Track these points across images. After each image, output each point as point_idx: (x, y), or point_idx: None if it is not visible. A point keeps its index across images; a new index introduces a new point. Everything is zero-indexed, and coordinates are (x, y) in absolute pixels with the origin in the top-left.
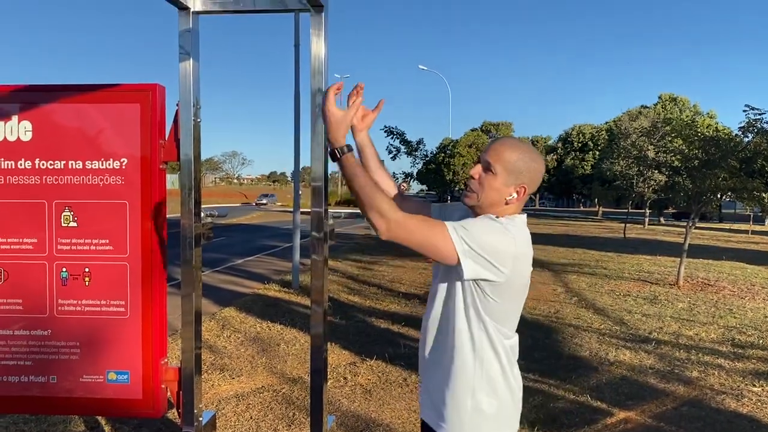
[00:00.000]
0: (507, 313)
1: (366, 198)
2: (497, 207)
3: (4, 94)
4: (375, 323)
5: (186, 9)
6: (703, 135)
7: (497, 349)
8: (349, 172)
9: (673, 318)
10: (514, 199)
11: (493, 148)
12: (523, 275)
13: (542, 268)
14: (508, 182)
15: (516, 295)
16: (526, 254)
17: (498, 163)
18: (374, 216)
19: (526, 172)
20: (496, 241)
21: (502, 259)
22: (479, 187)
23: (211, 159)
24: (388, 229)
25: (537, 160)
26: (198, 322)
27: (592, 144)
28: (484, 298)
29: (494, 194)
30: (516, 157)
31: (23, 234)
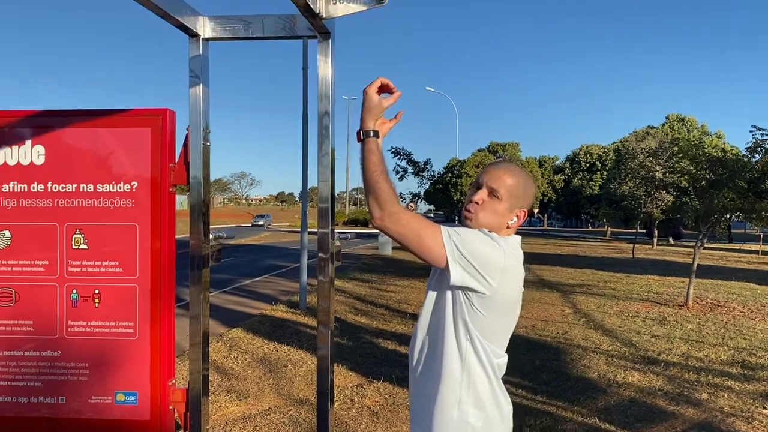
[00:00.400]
0: (495, 329)
1: (372, 183)
2: (498, 231)
3: (18, 119)
4: (382, 344)
5: (196, 36)
6: (710, 155)
7: (484, 363)
8: (365, 155)
9: (683, 339)
10: (514, 223)
11: (494, 174)
12: (511, 292)
13: (551, 288)
14: (511, 207)
15: (504, 312)
16: (515, 270)
17: (502, 188)
18: (373, 202)
19: (525, 197)
20: (486, 252)
21: (490, 271)
22: (483, 211)
23: (219, 180)
24: (381, 217)
25: (533, 184)
26: (206, 343)
27: (600, 164)
28: (471, 310)
29: (498, 219)
30: (517, 183)
31: (35, 256)
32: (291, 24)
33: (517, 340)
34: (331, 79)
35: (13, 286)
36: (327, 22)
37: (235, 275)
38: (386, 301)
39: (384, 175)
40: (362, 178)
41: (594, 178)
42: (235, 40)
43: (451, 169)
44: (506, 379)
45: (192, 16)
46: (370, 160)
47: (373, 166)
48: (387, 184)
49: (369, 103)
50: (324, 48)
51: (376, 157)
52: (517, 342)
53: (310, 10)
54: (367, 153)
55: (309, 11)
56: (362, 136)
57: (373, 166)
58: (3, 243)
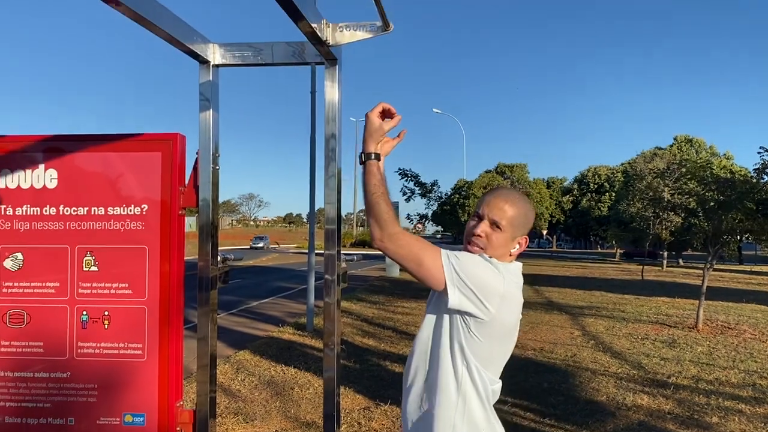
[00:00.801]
0: (491, 356)
1: (372, 205)
2: (502, 259)
3: (31, 144)
4: (390, 367)
5: (206, 62)
6: (718, 176)
7: (479, 389)
8: (366, 177)
9: (693, 362)
10: (517, 250)
11: (495, 204)
12: (509, 318)
13: (559, 311)
14: (514, 236)
15: (501, 338)
16: (514, 297)
17: (503, 220)
18: (373, 223)
19: (526, 224)
20: (485, 277)
21: (489, 296)
22: (487, 243)
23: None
24: (381, 238)
25: (532, 210)
26: (213, 365)
27: (608, 185)
28: (469, 335)
29: (501, 249)
30: (518, 213)
31: (46, 278)
32: (299, 51)
33: (525, 362)
34: (338, 103)
35: (24, 307)
36: (334, 48)
37: (243, 297)
38: (394, 323)
39: (384, 197)
40: (363, 199)
41: (602, 200)
42: (244, 66)
43: (459, 190)
44: (514, 402)
45: (202, 44)
46: (370, 182)
47: (374, 188)
48: (387, 206)
49: (371, 127)
50: (331, 74)
51: (376, 180)
52: (526, 364)
53: (318, 38)
54: (368, 175)
55: (316, 39)
56: (364, 159)
57: (374, 188)
58: (15, 265)
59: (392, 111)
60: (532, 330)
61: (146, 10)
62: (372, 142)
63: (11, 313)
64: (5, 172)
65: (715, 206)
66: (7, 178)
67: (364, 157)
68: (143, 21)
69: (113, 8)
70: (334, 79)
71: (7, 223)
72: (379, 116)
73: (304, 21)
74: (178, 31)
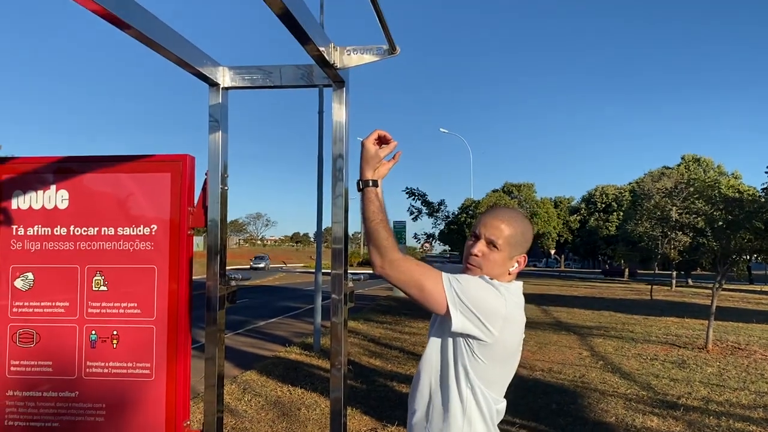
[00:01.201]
0: (495, 377)
1: (371, 232)
2: (500, 279)
3: (44, 165)
4: (396, 388)
5: (216, 85)
6: (725, 196)
7: (483, 410)
8: (365, 204)
9: (702, 383)
10: (515, 269)
11: (492, 224)
12: (512, 340)
13: (567, 331)
14: (511, 255)
15: (505, 359)
16: (516, 319)
17: (501, 239)
18: (373, 251)
19: (524, 243)
20: (487, 299)
21: (491, 319)
22: (484, 263)
23: (235, 221)
24: (382, 265)
25: (530, 229)
26: (220, 385)
27: (616, 205)
28: (472, 358)
29: (499, 268)
30: (515, 231)
31: (56, 298)
32: (308, 73)
33: (533, 383)
34: (346, 123)
35: (34, 327)
36: (341, 71)
37: (250, 316)
38: (401, 344)
39: (383, 223)
40: (362, 226)
41: (610, 219)
42: (253, 88)
43: (466, 209)
44: (522, 423)
45: (212, 67)
46: (369, 209)
47: (373, 215)
48: (386, 233)
49: (366, 154)
50: (338, 96)
51: (375, 207)
52: (534, 385)
53: (325, 61)
54: (367, 203)
55: (324, 62)
56: (361, 186)
57: (373, 215)
58: (26, 285)
59: (388, 137)
60: (540, 350)
61: (156, 34)
62: (368, 169)
63: (21, 332)
64: (17, 193)
65: (723, 226)
66: (19, 199)
67: (362, 184)
68: (154, 45)
69: (124, 32)
70: (342, 100)
71: (18, 243)
72: (374, 143)
73: (312, 44)
74: (188, 54)
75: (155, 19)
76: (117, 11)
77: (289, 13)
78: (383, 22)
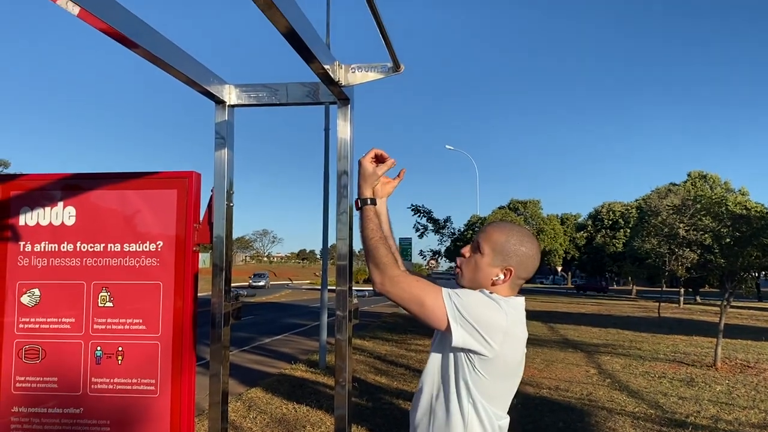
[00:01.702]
0: (497, 393)
1: (371, 249)
2: (485, 287)
3: (51, 182)
4: (402, 405)
5: (222, 103)
6: (732, 212)
7: (485, 426)
8: (364, 223)
9: (711, 401)
10: (500, 280)
11: (485, 229)
12: (513, 355)
13: (575, 348)
14: (494, 263)
15: (506, 375)
16: (517, 334)
17: (486, 243)
18: (373, 268)
19: (514, 255)
20: (487, 314)
21: (492, 333)
22: (466, 265)
23: (242, 237)
24: (382, 282)
25: (526, 244)
26: (225, 402)
27: (623, 221)
28: (473, 373)
29: (480, 274)
30: (504, 239)
31: (62, 314)
32: (314, 91)
33: (540, 401)
34: (351, 141)
35: (39, 343)
36: (346, 89)
37: (256, 333)
38: (406, 361)
39: (383, 241)
40: (362, 245)
41: (617, 236)
42: (259, 106)
43: (472, 226)
44: None
45: (218, 85)
46: (368, 227)
47: (371, 232)
48: (385, 249)
49: (364, 172)
50: (343, 113)
51: (373, 224)
52: (541, 403)
53: (330, 79)
54: (365, 221)
55: (329, 80)
56: (360, 205)
57: (371, 233)
58: (32, 301)
59: (384, 156)
60: (547, 368)
61: (163, 53)
62: (367, 188)
63: (27, 348)
64: (25, 209)
65: (731, 242)
66: (27, 216)
67: (360, 203)
68: (161, 63)
69: (132, 51)
70: (347, 117)
71: (25, 260)
72: (372, 162)
73: (317, 62)
74: (195, 72)
75: (162, 37)
76: (124, 30)
77: (294, 31)
78: (387, 40)
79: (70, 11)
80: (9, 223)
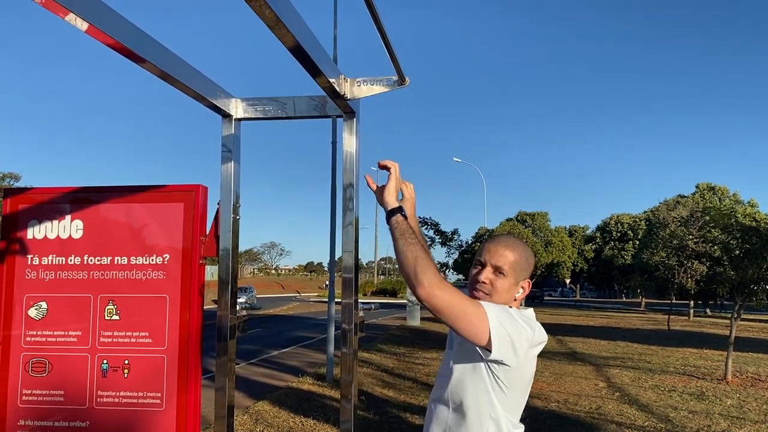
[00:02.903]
0: (516, 401)
1: (416, 254)
2: (508, 304)
3: (59, 195)
4: (409, 419)
5: (229, 116)
6: (742, 224)
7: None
8: (395, 234)
9: (722, 415)
10: (521, 295)
11: (496, 251)
12: (531, 369)
13: (583, 361)
14: (517, 281)
15: (526, 383)
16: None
17: (506, 265)
18: (421, 273)
19: (528, 268)
20: (519, 327)
21: (520, 344)
22: (492, 289)
23: (250, 250)
24: (431, 285)
25: (531, 254)
26: (230, 415)
27: (632, 233)
28: (496, 385)
29: (506, 294)
30: (519, 257)
31: (69, 327)
32: (321, 104)
33: (548, 415)
34: (356, 153)
35: (46, 356)
36: (351, 102)
37: (263, 346)
38: (414, 374)
39: (425, 246)
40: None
41: (626, 248)
42: (266, 120)
43: (480, 238)
44: None
45: (225, 99)
46: (404, 236)
47: (411, 238)
48: (426, 253)
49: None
50: (349, 126)
51: (409, 233)
52: (549, 417)
53: (336, 92)
54: (400, 232)
55: (334, 93)
56: (389, 216)
57: (410, 239)
58: (39, 314)
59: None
60: (556, 381)
61: (171, 67)
62: (391, 199)
63: (34, 361)
64: (33, 222)
65: (740, 254)
66: (35, 229)
67: (389, 214)
68: (168, 78)
69: (139, 66)
70: (352, 131)
71: (33, 273)
72: (373, 185)
73: (323, 77)
74: (202, 86)
75: (169, 52)
76: (132, 46)
77: (301, 47)
78: (392, 54)
79: (78, 27)
80: (17, 236)
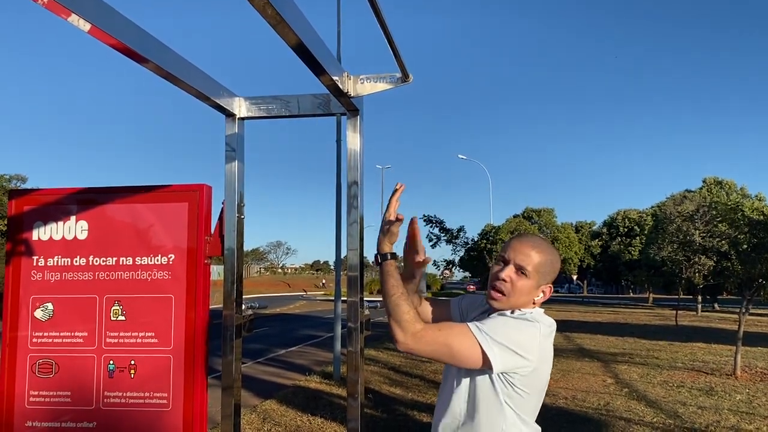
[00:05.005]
0: (534, 404)
1: (393, 306)
2: (524, 307)
3: (64, 196)
4: (417, 417)
5: (232, 115)
6: (749, 218)
7: None
8: (384, 278)
9: (731, 411)
10: (540, 299)
11: (521, 250)
12: (547, 369)
13: (591, 358)
14: (539, 284)
15: (543, 385)
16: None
17: (530, 266)
18: (395, 325)
19: (552, 273)
20: (518, 334)
21: (527, 348)
22: (511, 289)
23: (256, 249)
24: (405, 341)
25: (558, 259)
26: (237, 414)
27: (639, 229)
28: (513, 392)
29: (525, 297)
30: (545, 260)
31: (75, 328)
32: (325, 102)
33: (557, 412)
34: (360, 151)
35: (53, 357)
36: (355, 99)
37: (270, 345)
38: (421, 372)
39: (404, 297)
40: (383, 300)
41: (633, 243)
42: (269, 118)
43: (486, 235)
44: None
45: (228, 98)
46: (388, 283)
47: (392, 289)
48: (407, 306)
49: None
50: (353, 124)
51: (394, 280)
52: (557, 414)
53: (339, 90)
54: (386, 276)
55: (338, 91)
56: (380, 260)
57: (393, 289)
58: (45, 315)
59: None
60: (564, 378)
61: (173, 67)
62: (386, 243)
63: (41, 362)
64: (38, 224)
65: (748, 249)
66: (40, 230)
67: (380, 258)
68: (171, 77)
69: (142, 65)
70: (356, 128)
71: (38, 274)
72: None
73: (326, 75)
74: (205, 86)
75: (172, 52)
76: (135, 46)
77: (303, 45)
78: (395, 51)
79: (81, 28)
80: (23, 237)
